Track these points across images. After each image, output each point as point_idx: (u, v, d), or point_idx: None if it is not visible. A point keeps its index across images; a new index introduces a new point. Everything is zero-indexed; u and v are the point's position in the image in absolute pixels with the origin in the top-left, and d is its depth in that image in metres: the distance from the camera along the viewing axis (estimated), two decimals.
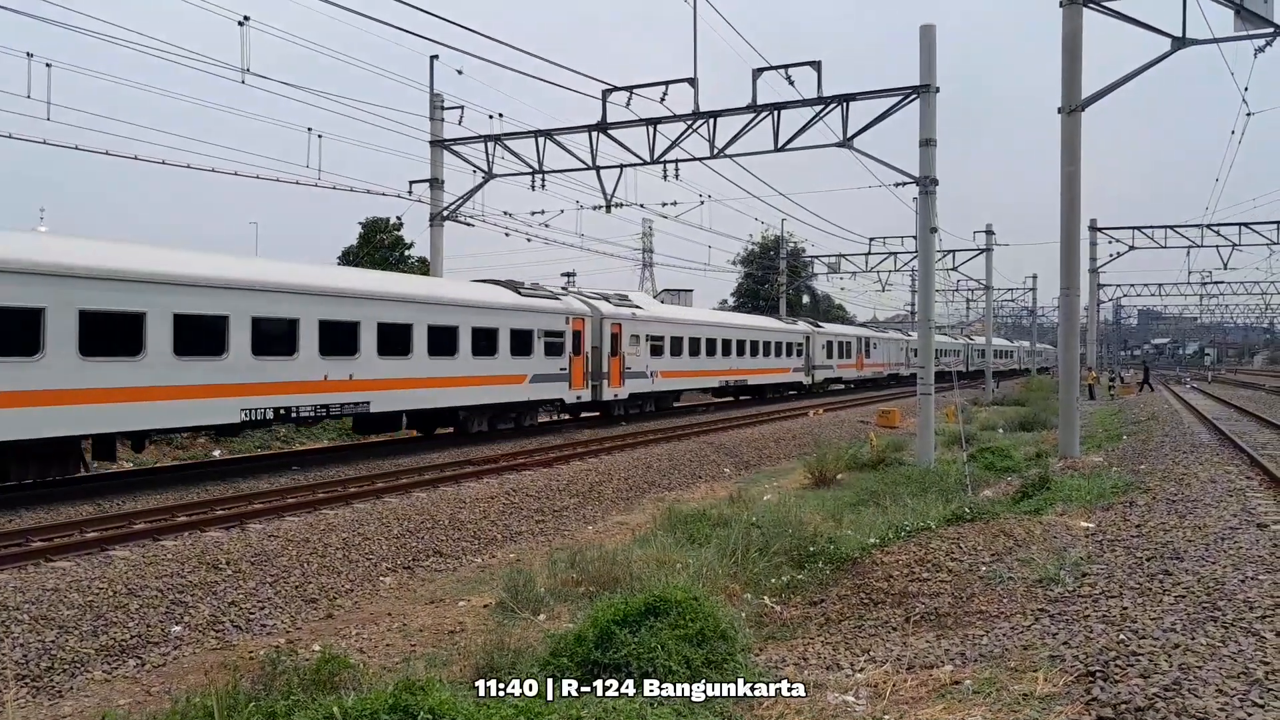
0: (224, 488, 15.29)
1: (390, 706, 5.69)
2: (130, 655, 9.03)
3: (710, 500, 16.28)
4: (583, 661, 6.99)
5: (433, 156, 28.24)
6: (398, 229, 43.80)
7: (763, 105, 23.08)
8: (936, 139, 21.31)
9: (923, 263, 22.61)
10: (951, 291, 67.46)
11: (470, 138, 27.57)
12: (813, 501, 15.18)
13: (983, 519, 11.53)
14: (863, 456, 21.38)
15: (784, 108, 23.01)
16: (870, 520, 12.63)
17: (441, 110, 27.91)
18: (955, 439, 23.15)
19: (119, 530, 11.87)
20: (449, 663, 8.00)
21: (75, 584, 9.73)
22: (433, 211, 28.47)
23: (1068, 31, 19.43)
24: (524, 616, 9.33)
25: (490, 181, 27.85)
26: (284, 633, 9.90)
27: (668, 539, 12.16)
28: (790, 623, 8.71)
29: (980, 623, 7.76)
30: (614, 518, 16.36)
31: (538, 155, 26.53)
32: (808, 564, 10.30)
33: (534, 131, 26.47)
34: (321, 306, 17.44)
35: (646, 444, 23.11)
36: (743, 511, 13.07)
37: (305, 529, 12.59)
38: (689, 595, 7.63)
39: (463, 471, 17.68)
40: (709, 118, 23.90)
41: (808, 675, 7.04)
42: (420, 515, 14.13)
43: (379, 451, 20.47)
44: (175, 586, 10.23)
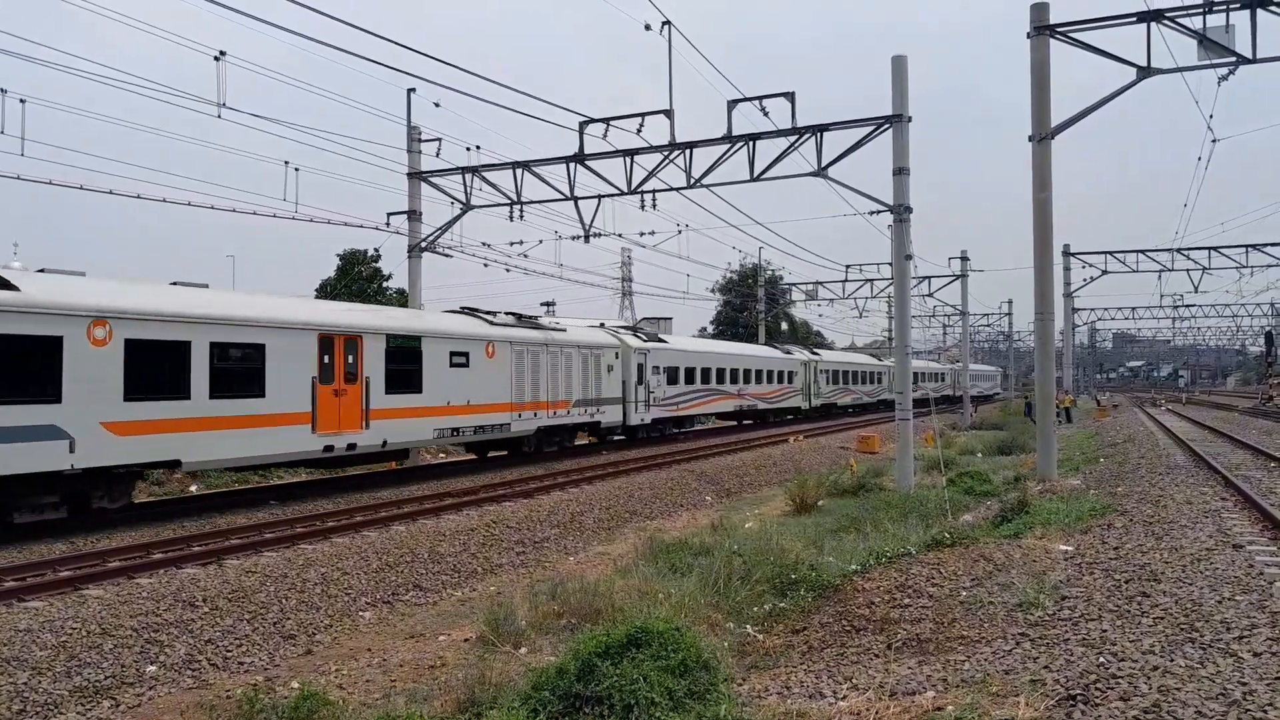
0: (200, 524, 15.12)
1: None
2: (105, 696, 8.87)
3: (692, 529, 16.26)
4: (564, 694, 6.94)
5: (410, 188, 28.26)
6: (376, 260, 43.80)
7: (738, 136, 23.31)
8: (910, 167, 21.59)
9: (898, 289, 22.81)
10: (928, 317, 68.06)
11: (448, 169, 27.63)
12: (794, 528, 15.18)
13: (963, 544, 11.58)
14: (843, 482, 21.44)
15: (759, 138, 23.25)
16: (851, 546, 12.64)
17: (419, 142, 27.98)
18: (935, 464, 23.27)
19: (93, 569, 11.71)
20: (430, 698, 7.91)
21: (48, 624, 9.57)
22: (411, 243, 28.45)
23: (1036, 61, 19.81)
24: (505, 650, 9.25)
25: (469, 213, 27.90)
26: (262, 670, 9.76)
27: (649, 569, 12.11)
28: (773, 651, 8.68)
29: (962, 648, 7.77)
30: (595, 548, 16.29)
31: (516, 186, 26.63)
32: (790, 592, 10.28)
33: (512, 163, 26.58)
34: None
35: (628, 473, 23.07)
36: (724, 540, 13.05)
37: (283, 564, 12.46)
38: (671, 626, 7.61)
39: (442, 504, 17.57)
40: (685, 148, 24.09)
41: (791, 704, 7.02)
42: (399, 549, 14.01)
43: (356, 485, 20.33)
44: (150, 625, 10.09)
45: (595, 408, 27.11)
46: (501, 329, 23.74)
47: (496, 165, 26.97)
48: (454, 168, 27.45)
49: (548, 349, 25.05)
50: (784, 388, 44.82)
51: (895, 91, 21.41)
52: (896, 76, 21.41)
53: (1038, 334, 21.16)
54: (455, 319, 23.57)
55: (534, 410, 24.30)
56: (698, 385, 34.92)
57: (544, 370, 24.76)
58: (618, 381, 28.54)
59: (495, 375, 22.96)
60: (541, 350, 24.74)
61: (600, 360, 27.26)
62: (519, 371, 23.79)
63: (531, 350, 24.26)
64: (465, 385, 21.88)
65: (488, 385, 22.70)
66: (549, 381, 24.86)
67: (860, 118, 22.28)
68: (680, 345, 35.11)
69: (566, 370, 25.83)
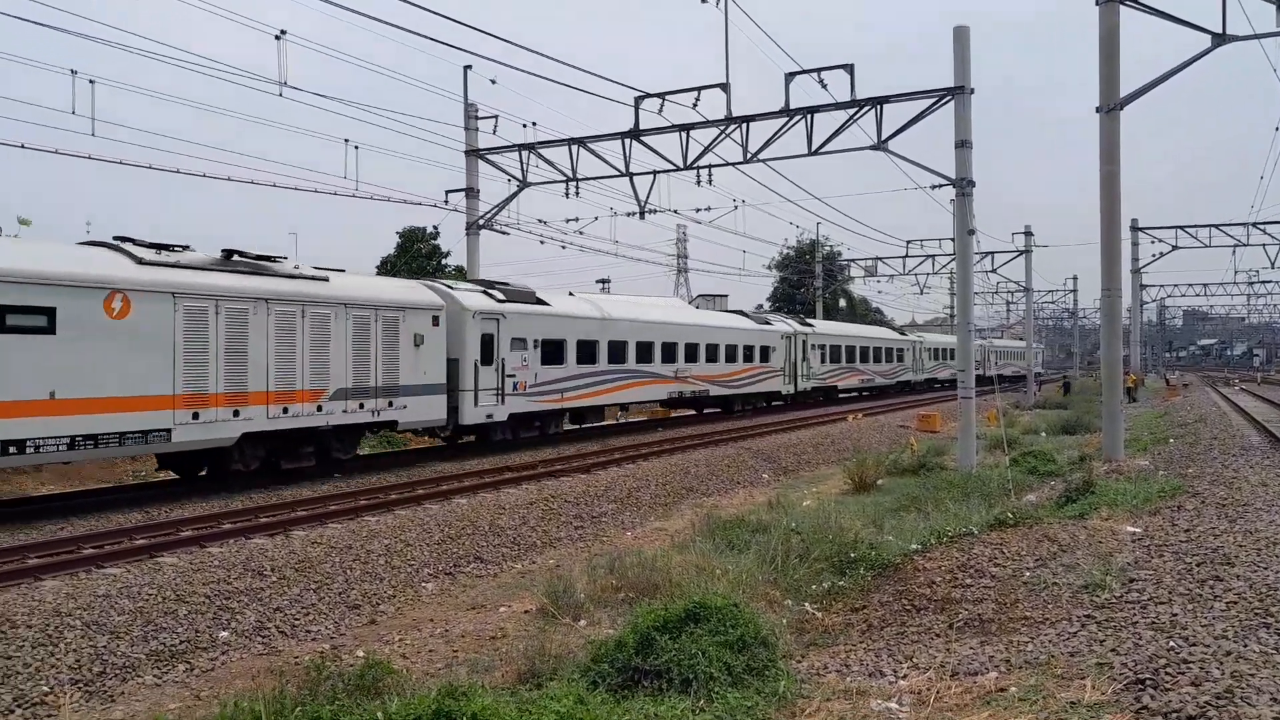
0: (268, 495, 15.50)
1: (434, 712, 5.75)
2: (179, 660, 9.19)
3: (749, 506, 16.24)
4: (623, 667, 7.00)
5: (468, 166, 28.49)
6: (434, 238, 44.25)
7: (796, 109, 23.02)
8: (972, 140, 21.14)
9: (961, 265, 22.41)
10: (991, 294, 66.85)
11: (504, 147, 27.77)
12: (853, 507, 15.07)
13: (1026, 524, 11.39)
14: (903, 461, 21.22)
15: (817, 111, 22.93)
16: (912, 526, 12.51)
17: (476, 120, 28.17)
18: (997, 443, 22.88)
19: (167, 537, 12.09)
20: (491, 669, 8.04)
21: (125, 590, 9.92)
22: (469, 220, 28.70)
23: (1104, 30, 19.18)
24: (565, 622, 9.35)
25: (525, 189, 28.03)
26: (328, 638, 10.01)
27: (707, 545, 12.12)
28: (832, 629, 8.66)
29: (1025, 629, 7.66)
30: (652, 524, 16.37)
31: (571, 163, 26.67)
32: (849, 570, 10.23)
33: (567, 140, 26.61)
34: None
35: (684, 449, 23.09)
36: (782, 517, 13.01)
37: (348, 536, 12.74)
38: (729, 602, 7.63)
39: (502, 478, 17.79)
40: (742, 122, 23.87)
41: (850, 682, 6.99)
42: (460, 521, 14.23)
43: (418, 458, 20.65)
44: (222, 593, 10.40)
45: (385, 400, 18.04)
46: (157, 271, 14.57)
47: (552, 142, 27.02)
48: (510, 145, 27.57)
49: (271, 306, 15.97)
50: (755, 368, 34.75)
51: (957, 63, 20.95)
52: (958, 47, 20.94)
53: (1104, 311, 20.62)
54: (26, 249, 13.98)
55: (235, 405, 15.31)
56: (601, 366, 25.32)
57: (263, 340, 15.79)
58: (437, 360, 19.43)
59: (132, 348, 14.01)
60: (256, 308, 15.70)
61: (399, 328, 18.30)
62: (195, 342, 14.79)
63: (232, 308, 15.29)
64: (47, 366, 13.12)
65: (110, 365, 13.78)
66: (275, 359, 16.00)
67: (921, 89, 21.85)
68: (564, 308, 24.53)
69: (316, 341, 16.74)
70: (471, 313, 20.58)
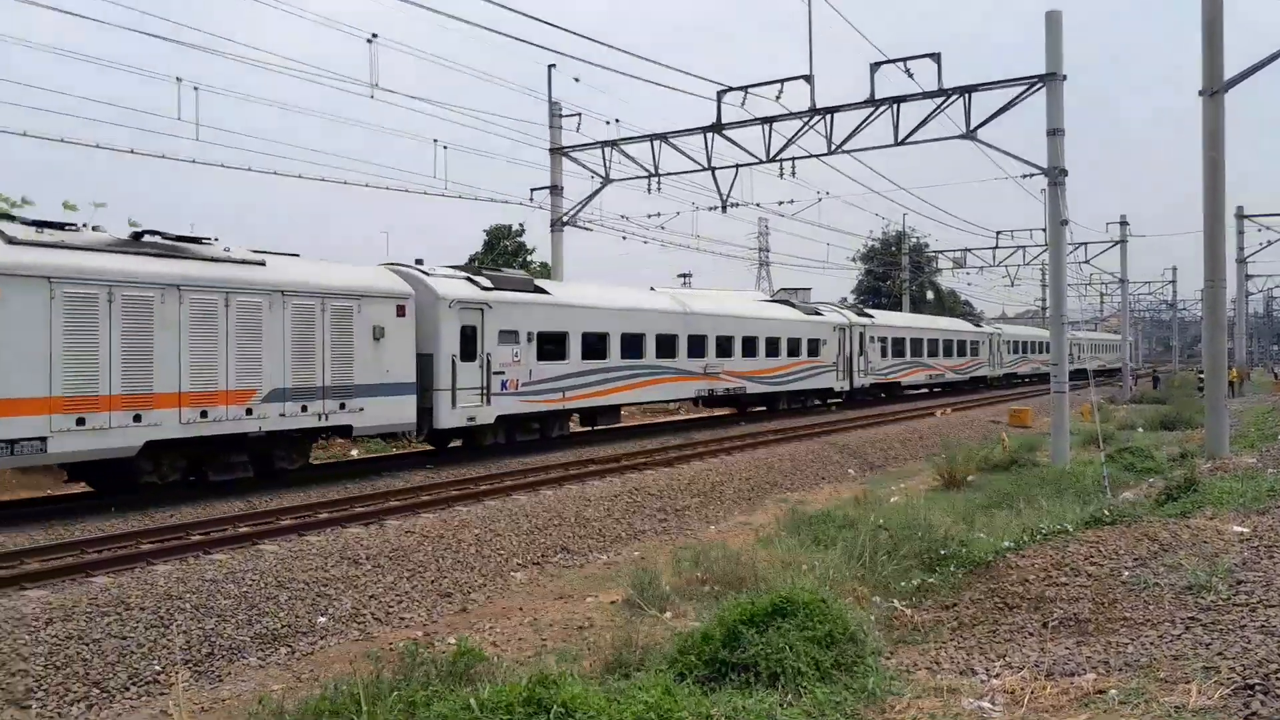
0: (362, 486, 15.97)
1: (525, 700, 5.86)
2: (281, 644, 9.56)
3: (835, 501, 16.11)
4: (710, 660, 7.04)
5: (552, 163, 28.81)
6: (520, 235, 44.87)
7: (881, 99, 22.72)
8: (1065, 128, 20.53)
9: (1053, 256, 21.80)
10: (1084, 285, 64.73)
11: (588, 144, 28.00)
12: (942, 503, 14.82)
13: (1124, 522, 11.03)
14: (994, 457, 20.77)
15: (903, 101, 22.59)
16: (1003, 523, 12.28)
17: (560, 118, 28.47)
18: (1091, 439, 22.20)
19: (268, 526, 12.56)
20: (579, 658, 8.17)
21: (230, 575, 10.35)
22: (553, 217, 29.03)
23: (1208, 9, 18.39)
24: (650, 614, 9.44)
25: (607, 186, 28.21)
26: (421, 625, 10.29)
27: (792, 540, 12.09)
28: (921, 626, 8.55)
29: (1125, 630, 7.45)
30: (736, 518, 16.36)
31: (653, 158, 26.76)
32: (939, 567, 10.09)
33: (649, 135, 26.70)
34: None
35: (767, 444, 22.98)
36: (869, 513, 12.89)
37: (439, 525, 13.05)
38: (816, 597, 7.59)
39: (586, 470, 17.98)
40: (826, 114, 23.62)
41: (941, 679, 6.90)
42: (547, 512, 14.45)
43: (506, 450, 20.99)
44: (320, 580, 10.77)
45: (335, 401, 15.68)
46: (30, 252, 12.53)
47: (634, 138, 27.14)
48: (593, 142, 27.79)
49: (185, 294, 13.74)
50: (801, 363, 31.31)
51: (1049, 49, 20.40)
52: (1051, 33, 20.36)
53: (1206, 303, 19.80)
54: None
55: (136, 409, 13.19)
56: (612, 361, 22.40)
57: (174, 333, 13.59)
58: (404, 355, 17.09)
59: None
60: (165, 296, 13.51)
61: (353, 319, 15.94)
62: (80, 335, 12.69)
63: (131, 295, 13.18)
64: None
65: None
66: (190, 355, 13.79)
67: (1011, 77, 21.30)
68: (565, 297, 21.79)
69: (245, 334, 14.51)
70: (447, 302, 18.01)
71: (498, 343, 19.13)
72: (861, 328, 35.27)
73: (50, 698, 7.95)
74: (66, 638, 8.58)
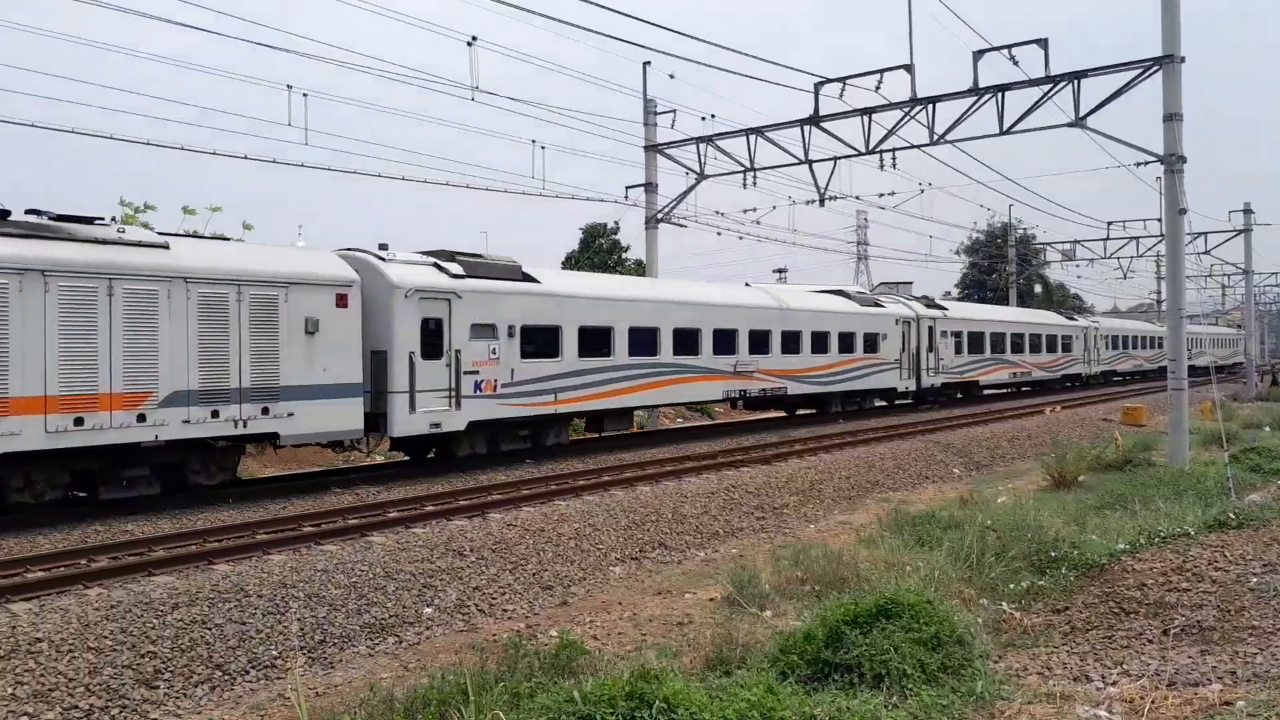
0: (465, 479, 16.31)
1: (627, 694, 5.90)
2: (389, 633, 9.85)
3: (939, 501, 15.76)
4: (812, 660, 6.98)
5: (647, 161, 28.92)
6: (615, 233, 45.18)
7: (985, 88, 22.14)
8: (1183, 112, 19.60)
9: (1170, 247, 20.84)
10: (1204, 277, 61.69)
11: (682, 140, 28.00)
12: (1052, 504, 14.34)
13: (1251, 525, 10.47)
14: (1107, 457, 20.00)
15: (1008, 89, 21.97)
16: (1118, 525, 11.82)
17: (655, 115, 28.55)
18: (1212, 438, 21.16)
19: (376, 518, 12.95)
20: (679, 654, 8.18)
21: (341, 566, 10.70)
22: (648, 214, 29.13)
23: None
24: (750, 612, 9.40)
25: (702, 181, 28.16)
26: (523, 617, 10.47)
27: (895, 540, 11.88)
28: (1031, 630, 8.30)
29: (1253, 639, 7.09)
30: (836, 517, 16.14)
31: (749, 153, 26.61)
32: (1049, 570, 9.78)
33: (745, 130, 26.55)
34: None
35: (867, 442, 22.60)
36: (975, 514, 12.57)
37: (540, 519, 13.24)
38: (922, 598, 7.45)
39: (682, 467, 17.99)
40: (927, 103, 23.10)
41: (1053, 685, 6.70)
42: (645, 508, 14.51)
43: (606, 446, 21.17)
44: (425, 571, 11.05)
45: (256, 405, 13.74)
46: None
47: (730, 133, 27.03)
48: (688, 138, 27.78)
49: (51, 280, 11.99)
50: (856, 360, 27.85)
51: (1165, 28, 19.53)
52: (1167, 11, 19.45)
53: None
54: None
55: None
56: (617, 359, 19.97)
57: (36, 325, 11.82)
58: (346, 352, 14.99)
59: None
60: (24, 283, 11.78)
61: (280, 309, 14.02)
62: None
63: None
64: None
65: None
66: (60, 351, 12.03)
67: (1124, 61, 20.45)
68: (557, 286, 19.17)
69: (135, 327, 12.67)
70: (403, 291, 15.66)
71: (469, 338, 16.77)
72: (931, 321, 31.82)
73: (177, 679, 8.37)
74: (191, 622, 9.01)
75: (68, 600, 9.06)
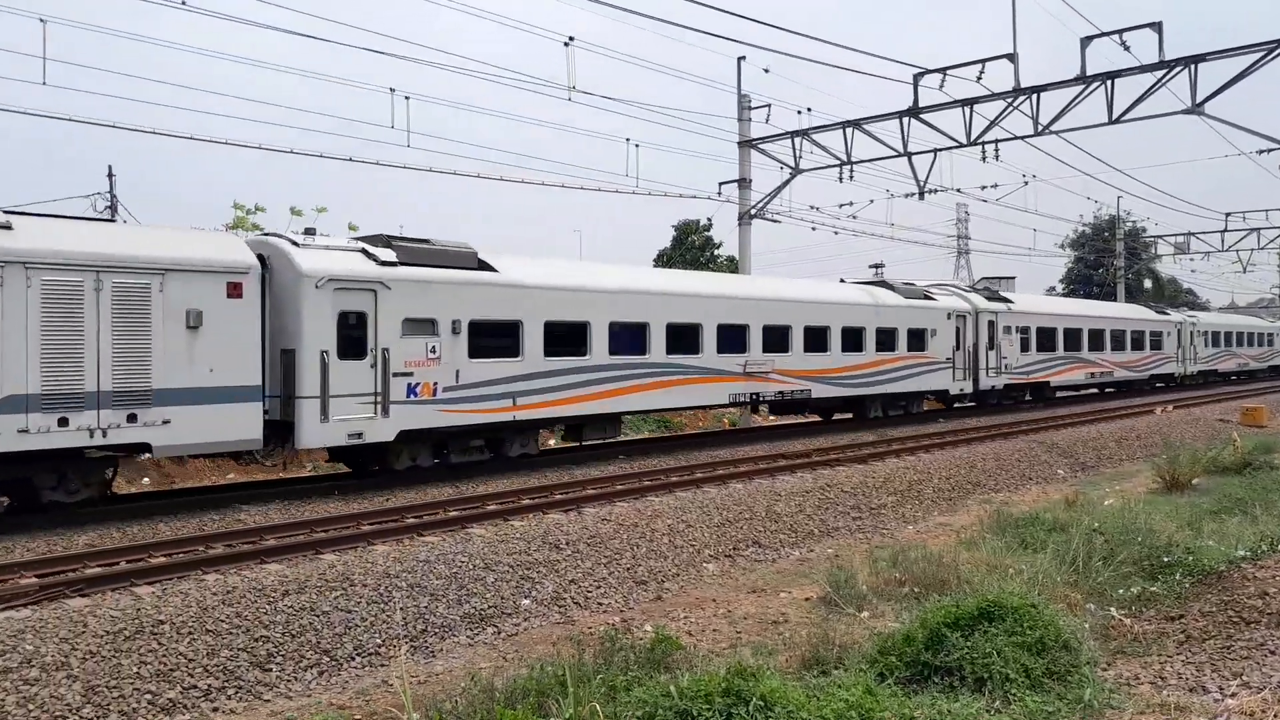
0: (560, 474, 16.52)
1: (724, 690, 5.93)
2: (488, 623, 10.05)
3: (1043, 503, 15.31)
4: (912, 662, 6.88)
5: (740, 156, 28.80)
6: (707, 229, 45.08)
7: (1093, 75, 21.44)
8: None
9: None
10: None
11: (777, 135, 27.81)
12: (1164, 508, 13.79)
13: None
14: (1224, 459, 19.09)
15: (1118, 76, 21.21)
16: (1236, 530, 11.31)
17: (749, 110, 28.40)
18: None
19: (475, 510, 13.23)
20: (774, 652, 8.15)
21: (442, 557, 10.97)
22: (741, 210, 29.01)
23: None
24: (847, 612, 9.30)
25: (797, 176, 27.91)
26: (618, 611, 10.56)
27: (997, 542, 11.60)
28: (1142, 637, 8.00)
29: None
30: (935, 518, 15.82)
31: (845, 146, 26.30)
32: (1161, 575, 9.42)
33: (841, 123, 26.24)
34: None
35: (969, 442, 22.06)
36: (1082, 516, 12.19)
37: (634, 514, 13.33)
38: (1026, 601, 7.27)
39: (776, 465, 17.85)
40: (1031, 93, 22.48)
41: (1167, 695, 6.45)
42: (738, 506, 14.47)
43: (696, 444, 21.18)
44: (523, 563, 11.24)
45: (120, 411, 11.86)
46: None
47: (826, 126, 26.75)
48: (783, 133, 27.58)
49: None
50: (898, 359, 25.10)
51: None
52: None
53: None
54: None
55: None
56: (594, 358, 17.74)
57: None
58: (239, 349, 13.04)
59: None
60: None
61: (152, 299, 12.22)
62: None
63: None
64: None
65: None
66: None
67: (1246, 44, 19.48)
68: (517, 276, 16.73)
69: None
70: (314, 279, 13.72)
71: (401, 334, 14.70)
72: (992, 314, 28.59)
73: (288, 662, 8.71)
74: (300, 609, 9.36)
75: (187, 585, 9.51)
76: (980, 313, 28.21)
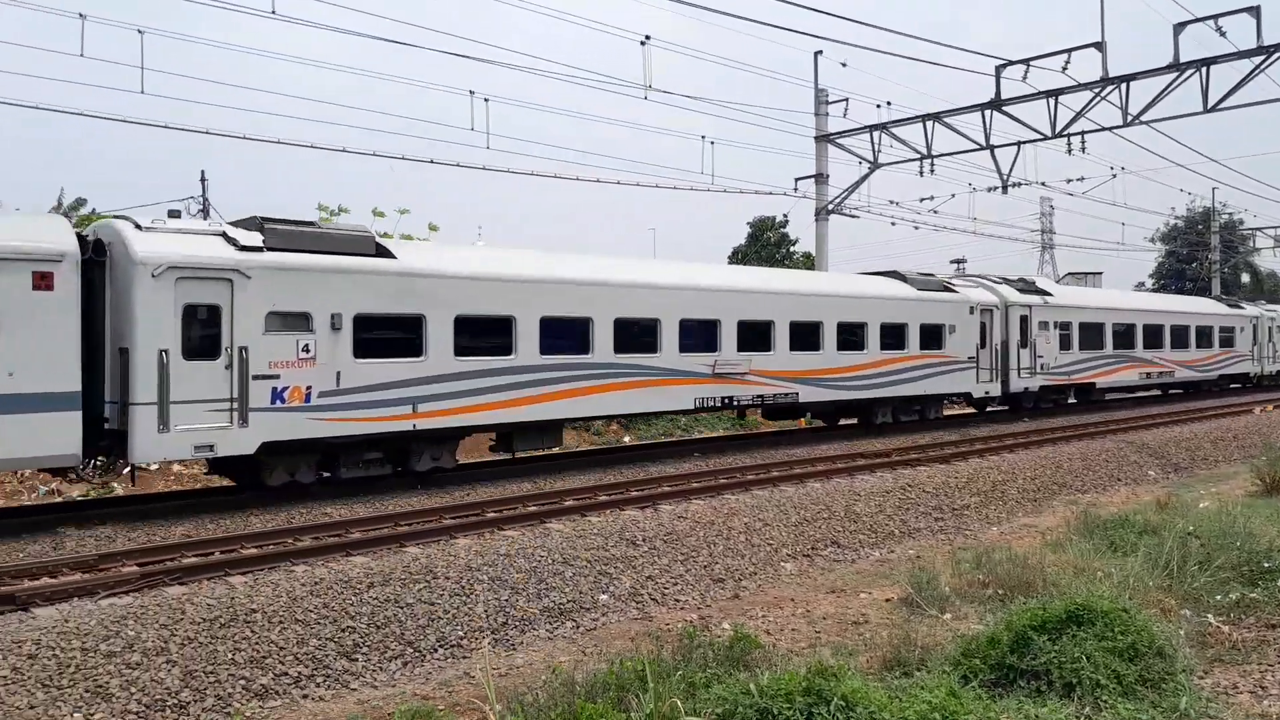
0: (636, 471, 16.60)
1: (804, 690, 5.90)
2: (567, 618, 10.16)
3: (1133, 505, 14.83)
4: (996, 665, 6.76)
5: (817, 151, 28.53)
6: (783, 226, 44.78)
7: (1186, 63, 20.71)
8: None
9: None
10: None
11: (855, 129, 27.50)
12: (1264, 511, 13.23)
13: None
14: None
15: (1214, 63, 20.45)
16: None
17: (826, 105, 28.12)
18: None
19: (553, 506, 13.39)
20: (855, 652, 8.07)
21: (522, 551, 11.12)
22: (818, 206, 28.75)
23: None
24: (930, 614, 9.15)
25: (875, 171, 27.54)
26: (695, 608, 10.57)
27: (1085, 545, 11.30)
28: (1242, 645, 7.72)
29: None
30: (1020, 519, 15.46)
31: (926, 140, 25.85)
32: (1262, 581, 9.06)
33: (921, 116, 25.81)
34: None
35: (1054, 441, 21.49)
36: (1175, 519, 11.76)
37: (710, 512, 13.33)
38: (1117, 605, 7.07)
39: (854, 464, 17.64)
40: (1120, 82, 21.81)
41: (1269, 705, 6.22)
42: (816, 505, 14.35)
43: (771, 442, 21.04)
44: (600, 559, 11.33)
45: None
46: None
47: (905, 120, 26.34)
48: (861, 127, 27.26)
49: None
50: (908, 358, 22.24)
51: None
52: None
53: None
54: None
55: None
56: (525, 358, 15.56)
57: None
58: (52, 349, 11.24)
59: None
60: None
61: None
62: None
63: None
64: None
65: None
66: None
67: None
68: (424, 263, 14.68)
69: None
70: (150, 268, 11.86)
71: (264, 330, 12.77)
72: (1024, 308, 25.47)
73: (373, 653, 8.94)
74: (385, 600, 9.59)
75: (277, 575, 9.82)
76: (1010, 306, 25.19)
